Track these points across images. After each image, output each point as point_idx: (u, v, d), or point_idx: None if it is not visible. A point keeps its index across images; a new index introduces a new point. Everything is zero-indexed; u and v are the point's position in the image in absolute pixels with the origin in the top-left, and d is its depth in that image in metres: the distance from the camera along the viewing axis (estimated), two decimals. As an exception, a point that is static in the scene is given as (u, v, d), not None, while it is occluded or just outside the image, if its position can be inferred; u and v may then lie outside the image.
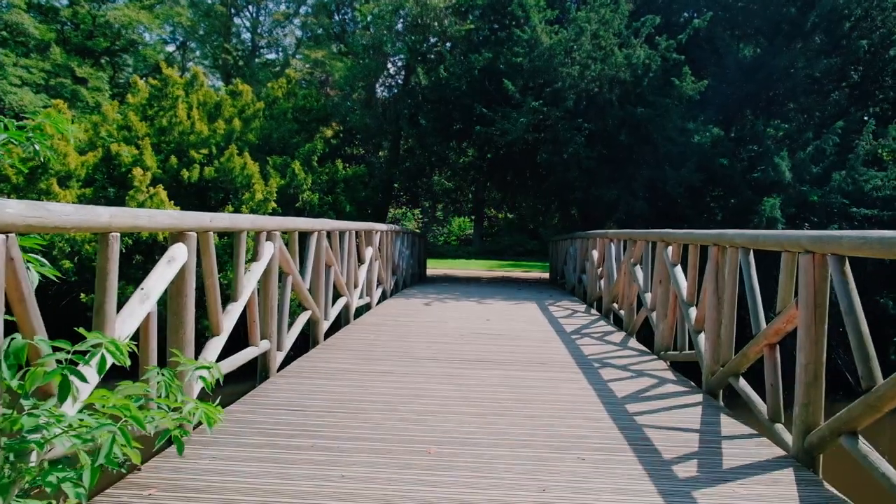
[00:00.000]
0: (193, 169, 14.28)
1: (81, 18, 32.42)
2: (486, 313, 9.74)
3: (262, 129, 16.21)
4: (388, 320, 8.62)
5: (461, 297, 12.09)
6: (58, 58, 29.93)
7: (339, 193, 15.48)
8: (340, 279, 7.78)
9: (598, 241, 10.50)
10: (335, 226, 7.61)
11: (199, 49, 40.02)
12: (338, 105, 17.93)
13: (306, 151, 15.37)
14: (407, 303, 10.79)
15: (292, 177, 14.50)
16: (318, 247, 6.83)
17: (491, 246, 38.02)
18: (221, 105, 15.77)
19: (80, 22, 32.71)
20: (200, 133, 14.68)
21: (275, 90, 17.49)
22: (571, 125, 14.06)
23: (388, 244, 11.47)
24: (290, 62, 36.55)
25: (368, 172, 17.54)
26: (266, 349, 5.21)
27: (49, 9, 31.78)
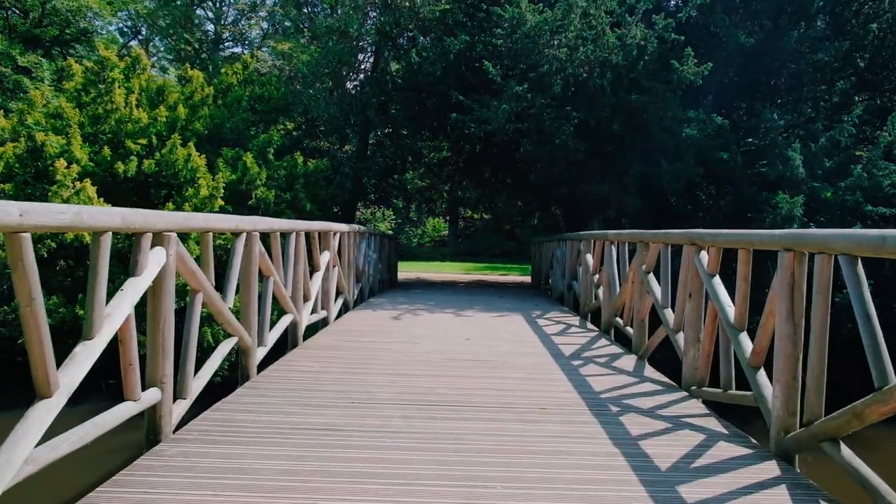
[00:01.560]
0: (130, 162, 12.55)
1: (30, 5, 30.25)
2: (464, 329, 8.21)
3: (213, 118, 14.50)
4: (346, 341, 7.03)
5: (436, 307, 10.54)
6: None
7: (299, 190, 13.83)
8: (283, 292, 6.19)
9: (594, 244, 9.02)
10: (275, 226, 6.02)
11: (161, 40, 38.04)
12: (299, 93, 16.27)
13: (261, 143, 13.71)
14: (372, 316, 9.21)
15: (244, 171, 12.84)
16: (249, 252, 5.23)
17: (466, 247, 36.60)
18: (164, 90, 14.02)
19: (28, 9, 30.55)
20: (139, 121, 12.94)
21: (228, 76, 15.78)
22: (558, 114, 12.58)
23: (351, 247, 9.89)
24: (255, 55, 34.72)
25: (333, 168, 15.91)
26: (154, 401, 3.61)
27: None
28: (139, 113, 12.85)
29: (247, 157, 12.79)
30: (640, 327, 6.62)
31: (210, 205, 11.65)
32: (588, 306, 9.46)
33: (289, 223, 6.51)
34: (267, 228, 5.66)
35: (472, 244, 37.05)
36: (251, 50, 35.60)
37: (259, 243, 5.37)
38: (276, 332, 6.16)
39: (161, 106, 13.33)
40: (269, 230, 5.76)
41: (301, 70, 17.21)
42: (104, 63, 14.48)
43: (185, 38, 34.27)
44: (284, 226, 6.34)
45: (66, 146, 12.66)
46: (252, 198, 13.07)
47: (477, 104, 13.16)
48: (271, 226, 5.81)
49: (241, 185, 12.85)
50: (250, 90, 15.98)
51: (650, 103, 12.33)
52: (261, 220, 5.44)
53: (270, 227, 5.79)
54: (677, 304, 5.57)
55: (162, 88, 14.03)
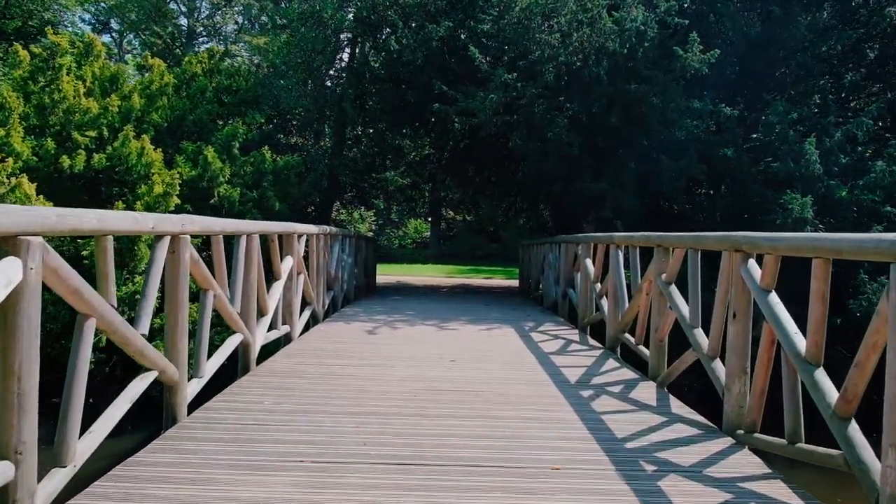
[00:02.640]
0: (77, 155, 11.30)
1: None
2: (449, 346, 7.10)
3: (174, 110, 13.28)
4: (308, 364, 5.89)
5: (416, 318, 9.42)
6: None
7: (267, 188, 12.64)
8: (229, 308, 5.03)
9: (594, 248, 7.95)
10: (216, 227, 4.87)
11: (130, 34, 36.56)
12: (269, 84, 15.06)
13: (225, 136, 12.52)
14: (344, 330, 8.07)
15: (205, 166, 11.63)
16: (175, 260, 4.09)
17: (449, 249, 35.55)
18: (119, 78, 12.77)
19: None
20: (88, 111, 11.68)
21: (192, 65, 14.55)
22: (550, 105, 11.53)
23: (321, 251, 8.75)
24: (230, 50, 33.38)
25: (306, 165, 14.74)
26: (6, 480, 2.46)
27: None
28: (88, 102, 11.59)
29: (208, 151, 11.59)
30: (659, 349, 5.55)
31: (165, 203, 10.44)
32: (588, 318, 8.40)
33: (236, 223, 5.37)
34: (203, 230, 4.51)
35: (455, 246, 36.02)
36: (226, 44, 34.28)
37: (191, 249, 4.23)
38: (220, 357, 5.01)
39: (113, 95, 12.07)
40: (206, 232, 4.61)
41: (272, 59, 16.01)
42: (54, 49, 13.23)
43: (157, 31, 32.84)
44: (230, 227, 5.19)
45: (4, 138, 11.38)
46: (214, 196, 11.87)
47: (461, 95, 12.07)
48: (209, 227, 4.66)
49: (201, 182, 11.64)
50: (217, 81, 14.76)
51: (650, 93, 11.30)
52: (193, 220, 4.28)
53: (208, 228, 4.64)
54: (713, 324, 4.50)
55: (116, 76, 12.77)
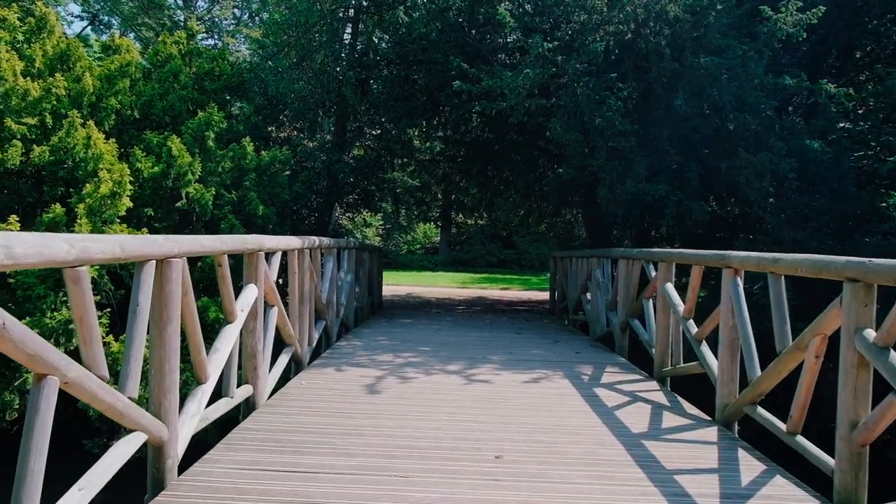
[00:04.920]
0: (11, 147, 9.08)
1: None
2: (485, 417, 4.79)
3: (140, 95, 11.04)
4: (260, 473, 3.59)
5: (434, 358, 7.12)
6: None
7: (249, 188, 10.40)
8: (102, 395, 2.77)
9: (695, 272, 5.60)
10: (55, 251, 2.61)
11: (125, 28, 34.45)
12: (257, 68, 12.85)
13: (197, 125, 10.27)
14: (333, 385, 5.76)
15: (170, 161, 9.38)
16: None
17: (460, 255, 33.35)
18: (69, 55, 10.54)
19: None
20: (27, 93, 9.46)
21: (167, 46, 12.32)
22: (599, 84, 9.24)
23: (307, 272, 6.48)
24: (226, 42, 31.24)
25: (299, 160, 12.51)
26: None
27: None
28: (24, 82, 9.36)
29: (173, 143, 9.34)
30: (856, 458, 3.24)
31: (113, 206, 8.20)
32: (670, 368, 6.09)
33: (138, 243, 3.09)
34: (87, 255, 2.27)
35: (466, 252, 33.81)
36: (220, 34, 32.15)
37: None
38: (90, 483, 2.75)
39: (58, 74, 9.84)
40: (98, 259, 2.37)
41: (262, 41, 13.81)
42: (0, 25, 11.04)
43: (148, 23, 30.72)
44: (130, 248, 2.91)
45: (-80, 127, 9.19)
46: (182, 198, 9.62)
47: (486, 73, 9.81)
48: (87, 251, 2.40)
49: (166, 180, 9.39)
50: (197, 64, 12.55)
51: (724, 69, 9.00)
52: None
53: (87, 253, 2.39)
54: None
55: (66, 54, 10.53)
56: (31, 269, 7.82)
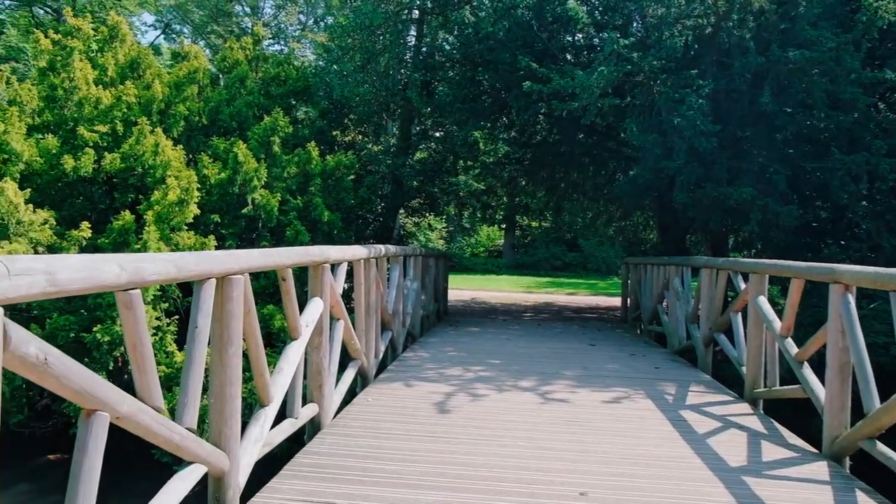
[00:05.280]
0: (84, 155, 9.20)
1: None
2: (564, 444, 4.43)
3: (208, 102, 11.09)
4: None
5: (504, 373, 6.77)
6: (12, 39, 25.40)
7: (314, 194, 10.29)
8: (160, 433, 2.55)
9: (794, 286, 5.06)
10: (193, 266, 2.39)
11: (195, 36, 35.33)
12: (322, 72, 12.77)
13: (263, 131, 10.21)
14: (401, 401, 5.49)
15: (236, 167, 9.33)
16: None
17: (524, 258, 32.89)
18: (139, 63, 10.65)
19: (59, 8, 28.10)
20: (99, 101, 9.58)
21: (234, 52, 12.38)
22: (677, 81, 8.72)
23: (374, 282, 6.24)
24: (292, 47, 31.65)
25: (363, 165, 12.36)
26: None
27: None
28: (97, 91, 9.47)
29: (239, 148, 9.29)
30: None
31: (180, 213, 8.17)
32: (762, 390, 5.59)
33: (202, 260, 2.86)
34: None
35: (530, 255, 33.31)
36: (286, 40, 32.58)
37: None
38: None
39: (129, 82, 9.93)
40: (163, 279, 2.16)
41: (326, 46, 13.76)
42: (73, 34, 11.27)
43: (217, 31, 31.37)
44: (198, 267, 2.69)
45: (1, 136, 9.41)
46: (248, 204, 9.57)
47: (556, 73, 9.41)
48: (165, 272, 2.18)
49: (232, 186, 9.35)
50: (263, 70, 12.58)
51: (815, 63, 8.35)
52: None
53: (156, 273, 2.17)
54: None
55: (136, 62, 10.65)
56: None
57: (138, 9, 30.18)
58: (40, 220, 8.55)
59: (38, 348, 1.88)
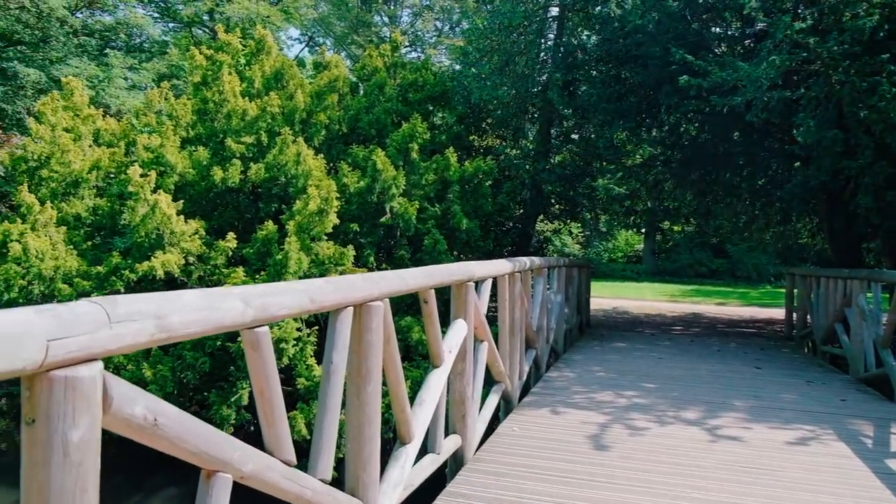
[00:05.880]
0: (231, 166, 9.40)
1: (198, 17, 29.67)
2: (743, 497, 3.75)
3: (347, 110, 11.11)
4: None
5: (662, 399, 6.08)
6: (174, 58, 27.27)
7: (453, 201, 9.98)
8: (290, 490, 2.21)
9: None
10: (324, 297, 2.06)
11: (336, 48, 36.55)
12: (460, 76, 12.49)
13: (401, 138, 10.04)
14: (550, 433, 4.97)
15: (374, 175, 9.20)
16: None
17: (665, 264, 31.29)
18: (283, 74, 10.81)
19: (196, 21, 30.01)
20: (245, 113, 9.79)
21: (373, 59, 12.37)
22: (865, 68, 7.60)
23: (518, 298, 5.78)
24: (429, 54, 31.95)
25: (502, 170, 11.95)
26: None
27: (166, 9, 29.36)
28: (243, 103, 9.67)
29: (377, 156, 9.14)
30: None
31: (320, 223, 8.10)
32: None
33: (345, 285, 2.52)
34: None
35: (672, 261, 31.64)
36: (422, 46, 32.92)
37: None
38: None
39: (273, 93, 10.08)
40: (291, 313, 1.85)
41: (463, 48, 13.48)
42: (223, 49, 11.69)
43: (357, 41, 32.22)
44: (338, 296, 2.36)
45: (158, 149, 9.83)
46: (386, 212, 9.41)
47: (715, 65, 8.52)
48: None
49: (371, 194, 9.22)
50: (401, 76, 12.49)
51: None
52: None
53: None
54: None
55: (280, 73, 10.83)
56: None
57: (284, 23, 31.56)
58: (191, 231, 8.80)
59: (145, 407, 1.56)
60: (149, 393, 1.60)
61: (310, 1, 31.81)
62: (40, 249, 8.82)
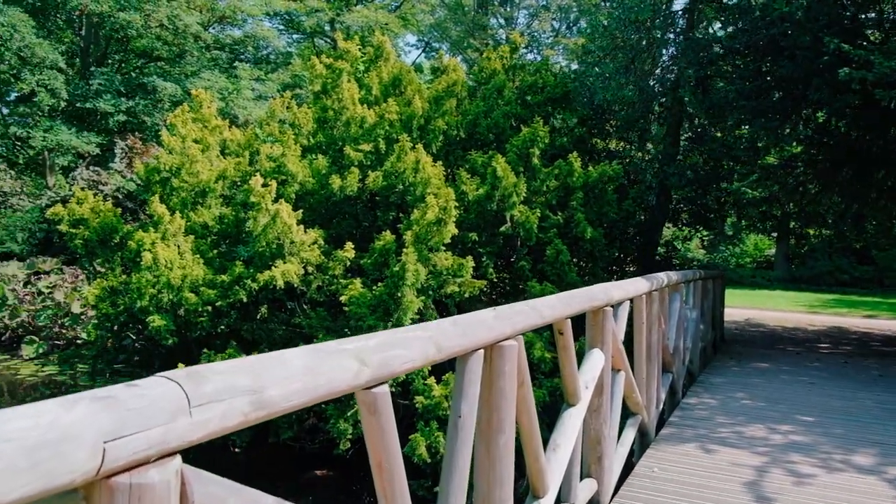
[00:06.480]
0: (349, 174, 9.33)
1: (320, 27, 30.53)
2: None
3: (465, 115, 10.81)
4: None
5: (824, 435, 5.30)
6: (297, 69, 28.19)
7: (576, 208, 9.43)
8: None
9: None
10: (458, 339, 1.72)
11: (451, 53, 36.63)
12: (582, 75, 11.90)
13: (521, 142, 9.60)
14: (698, 477, 4.36)
15: (494, 182, 8.81)
16: None
17: (800, 271, 29.06)
18: (400, 80, 10.65)
19: (318, 32, 30.89)
20: (363, 120, 9.69)
21: (491, 62, 12.02)
22: None
23: (655, 320, 5.20)
24: (546, 55, 31.31)
25: (627, 175, 11.28)
26: None
27: (290, 21, 30.38)
28: (361, 110, 9.57)
29: (497, 162, 8.75)
30: None
31: (438, 233, 7.81)
32: None
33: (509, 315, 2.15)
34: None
35: (808, 268, 29.32)
36: (542, 54, 32.29)
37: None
38: None
39: (391, 99, 9.92)
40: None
41: (586, 46, 12.85)
42: (343, 57, 11.72)
43: (473, 44, 32.08)
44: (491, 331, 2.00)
45: (279, 158, 9.92)
46: (506, 221, 9.01)
47: (880, 54, 7.52)
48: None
49: (490, 202, 8.85)
50: (520, 78, 12.08)
51: None
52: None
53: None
54: None
55: (398, 79, 10.68)
56: (362, 299, 7.76)
57: (402, 30, 31.98)
58: (310, 240, 8.77)
59: (237, 508, 1.23)
60: (245, 486, 1.26)
61: (426, 7, 31.98)
62: (169, 259, 9.07)
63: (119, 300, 9.68)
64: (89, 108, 21.16)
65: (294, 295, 9.19)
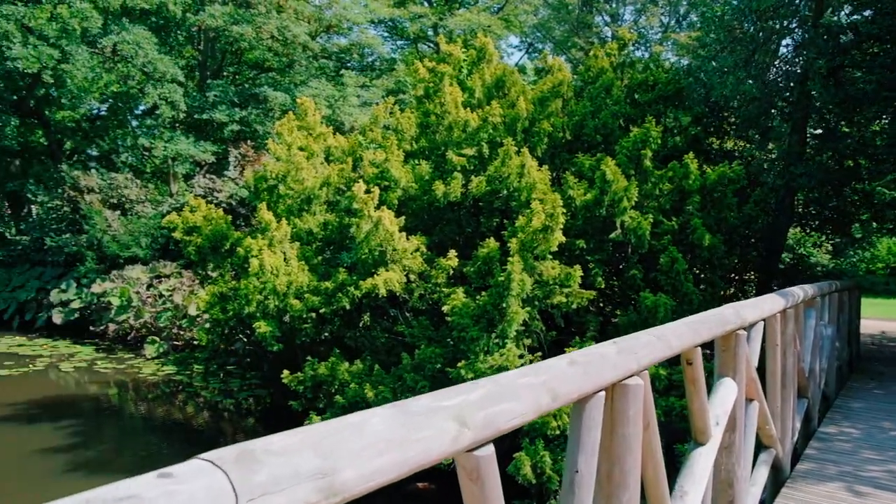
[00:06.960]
0: (452, 180, 9.12)
1: (423, 33, 30.66)
2: None
3: (572, 116, 10.37)
4: None
5: None
6: (400, 74, 28.43)
7: (692, 213, 8.80)
8: None
9: None
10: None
11: (555, 53, 35.95)
12: (697, 70, 11.17)
13: (632, 143, 9.06)
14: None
15: (603, 186, 8.34)
16: None
17: (944, 278, 26.49)
18: (504, 82, 10.34)
19: (421, 37, 31.02)
20: (466, 124, 9.45)
21: (598, 59, 11.50)
22: None
23: (790, 342, 4.63)
24: (655, 52, 30.05)
25: (748, 177, 10.47)
26: None
27: (394, 28, 30.71)
28: (464, 113, 9.34)
29: (607, 165, 8.27)
30: None
31: (545, 241, 7.45)
32: None
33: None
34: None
35: (955, 274, 26.70)
36: (651, 50, 31.05)
37: None
38: None
39: (494, 102, 9.63)
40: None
41: (700, 38, 12.07)
42: (445, 60, 11.56)
43: (577, 43, 31.26)
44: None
45: (383, 164, 9.85)
46: (616, 228, 8.52)
47: None
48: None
49: (599, 208, 8.39)
50: (629, 76, 11.51)
51: None
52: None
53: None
54: None
55: (501, 80, 10.37)
56: (465, 308, 7.50)
57: (504, 32, 31.60)
58: (412, 248, 8.61)
59: None
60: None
61: (529, 7, 31.52)
62: (275, 265, 9.16)
63: (228, 306, 9.90)
64: (206, 118, 22.13)
65: (396, 302, 9.08)
